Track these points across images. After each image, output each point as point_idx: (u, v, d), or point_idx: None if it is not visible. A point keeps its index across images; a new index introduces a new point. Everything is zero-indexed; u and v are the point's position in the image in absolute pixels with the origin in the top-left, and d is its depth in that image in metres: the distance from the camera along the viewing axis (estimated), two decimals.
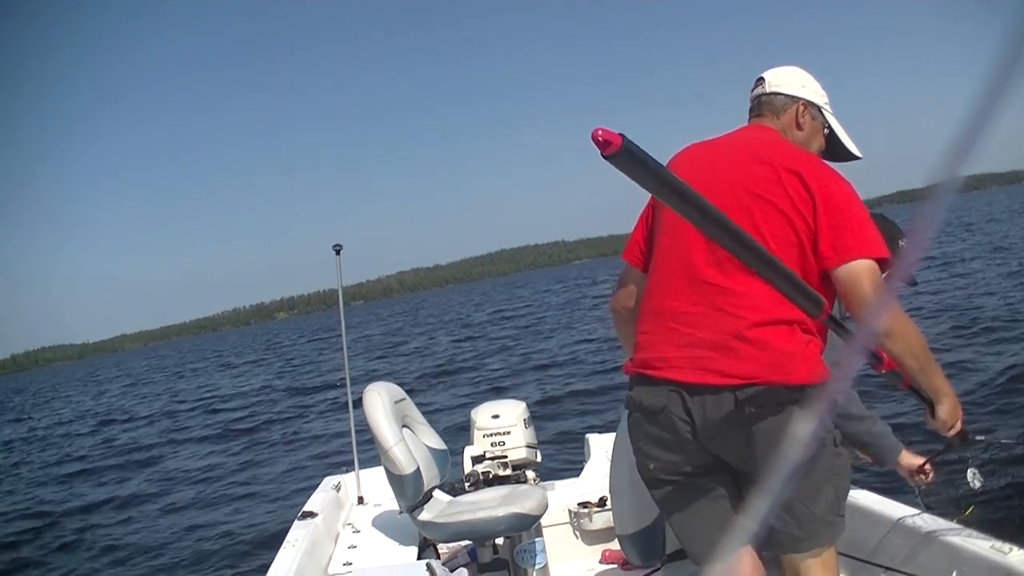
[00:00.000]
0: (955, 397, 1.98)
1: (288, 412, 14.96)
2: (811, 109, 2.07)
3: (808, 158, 1.95)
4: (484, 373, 15.14)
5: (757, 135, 2.05)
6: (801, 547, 1.89)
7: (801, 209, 1.84)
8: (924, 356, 1.87)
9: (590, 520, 3.61)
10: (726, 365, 1.80)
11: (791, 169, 1.88)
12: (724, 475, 1.95)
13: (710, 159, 2.02)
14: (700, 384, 1.83)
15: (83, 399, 33.15)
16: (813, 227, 1.83)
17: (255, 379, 24.63)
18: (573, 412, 9.57)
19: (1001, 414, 6.12)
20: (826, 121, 2.09)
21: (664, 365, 1.90)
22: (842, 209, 1.84)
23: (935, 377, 1.93)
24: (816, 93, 2.08)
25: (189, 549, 7.15)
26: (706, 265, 1.89)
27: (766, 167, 1.90)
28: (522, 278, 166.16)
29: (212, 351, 65.58)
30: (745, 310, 1.81)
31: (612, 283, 2.25)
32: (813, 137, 2.07)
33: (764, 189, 1.88)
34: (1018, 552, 2.01)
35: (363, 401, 3.17)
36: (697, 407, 1.84)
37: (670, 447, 1.92)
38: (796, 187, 1.85)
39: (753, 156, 1.94)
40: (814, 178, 1.86)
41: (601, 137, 1.07)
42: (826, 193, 1.84)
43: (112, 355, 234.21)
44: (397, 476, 3.06)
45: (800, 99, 2.06)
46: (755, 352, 1.79)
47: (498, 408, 3.85)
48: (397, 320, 51.94)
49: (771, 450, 1.75)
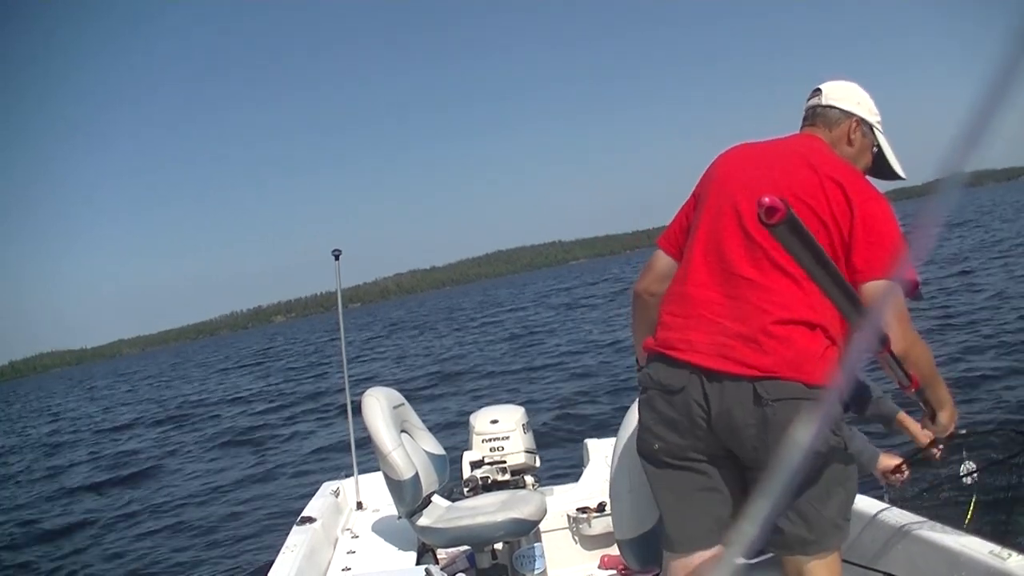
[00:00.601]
0: (954, 405, 2.06)
1: (286, 417, 14.94)
2: (863, 127, 2.12)
3: (852, 171, 2.00)
4: (484, 373, 15.14)
5: (807, 143, 2.09)
6: (810, 550, 1.90)
7: (839, 219, 1.89)
8: (932, 373, 1.95)
9: (589, 525, 3.60)
10: (749, 356, 1.83)
11: (835, 179, 1.92)
12: (727, 470, 1.96)
13: (760, 160, 2.06)
14: (721, 371, 1.85)
15: (80, 404, 33.11)
16: (848, 239, 1.88)
17: (253, 384, 24.62)
18: (572, 417, 9.55)
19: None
20: (876, 140, 2.14)
21: (688, 348, 1.92)
22: (880, 226, 1.89)
23: (939, 389, 2.01)
24: (870, 112, 2.13)
25: (187, 554, 7.14)
26: (742, 260, 1.93)
27: (812, 174, 1.95)
28: (519, 279, 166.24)
29: (210, 355, 65.55)
30: (775, 307, 1.85)
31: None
32: (862, 154, 2.13)
33: (808, 195, 1.92)
34: (1017, 558, 2.01)
35: (362, 406, 3.16)
36: (715, 394, 1.86)
37: (681, 430, 1.93)
38: (838, 197, 1.90)
39: (802, 162, 1.99)
40: (856, 191, 1.91)
41: (767, 205, 1.27)
42: (866, 209, 1.89)
43: (110, 360, 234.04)
44: (396, 481, 3.05)
45: (854, 115, 2.11)
46: (779, 348, 1.82)
47: (497, 413, 3.84)
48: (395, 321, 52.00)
49: (778, 443, 1.78)
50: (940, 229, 0.98)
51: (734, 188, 2.02)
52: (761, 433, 1.83)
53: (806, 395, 1.79)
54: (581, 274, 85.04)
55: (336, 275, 4.01)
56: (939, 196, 0.60)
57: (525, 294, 56.50)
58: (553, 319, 26.63)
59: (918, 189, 4.49)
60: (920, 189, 2.02)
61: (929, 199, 0.62)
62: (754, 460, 1.90)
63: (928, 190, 0.63)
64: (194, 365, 50.45)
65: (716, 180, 2.08)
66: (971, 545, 2.15)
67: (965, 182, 0.60)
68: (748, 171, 2.02)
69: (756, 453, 1.87)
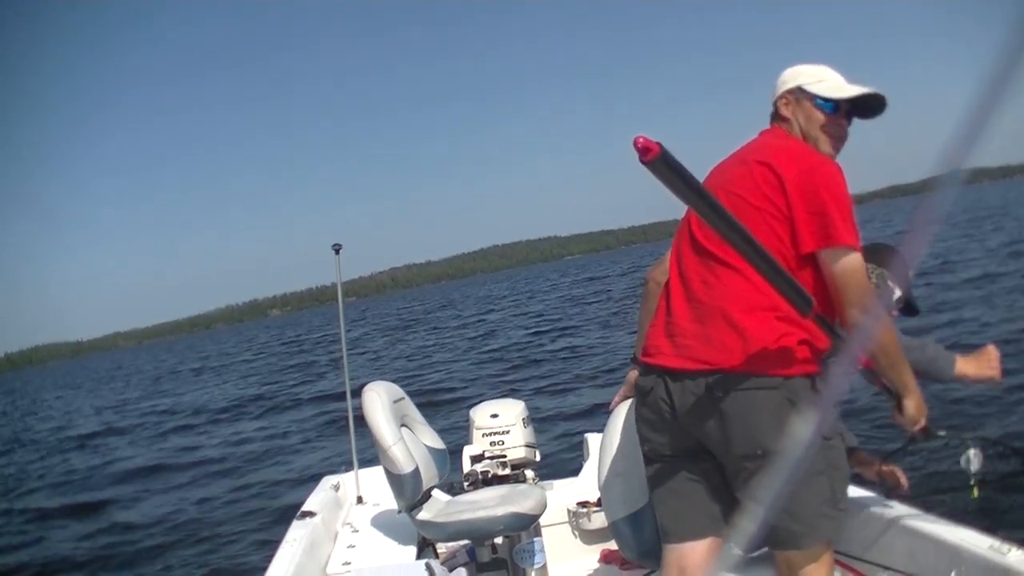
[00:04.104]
0: (920, 395, 2.04)
1: (287, 411, 14.94)
2: (792, 96, 2.07)
3: (784, 149, 1.99)
4: (483, 373, 15.14)
5: (754, 142, 2.14)
6: (802, 543, 1.92)
7: (773, 198, 1.91)
8: (895, 353, 1.96)
9: (589, 520, 3.61)
10: (704, 353, 1.94)
11: (761, 161, 1.97)
12: (706, 463, 2.05)
13: (718, 169, 2.14)
14: (680, 370, 1.98)
15: (80, 398, 33.06)
16: (788, 214, 1.90)
17: (253, 377, 24.59)
18: (572, 411, 9.57)
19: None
20: (813, 94, 2.04)
21: (656, 352, 2.06)
22: (819, 193, 1.88)
23: (904, 374, 2.00)
24: (793, 78, 2.08)
25: (186, 548, 7.14)
26: (696, 263, 2.03)
27: (741, 165, 2.02)
28: (514, 273, 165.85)
29: (208, 348, 65.42)
30: (726, 302, 1.93)
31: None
32: (809, 121, 2.06)
33: (738, 186, 1.98)
34: (1017, 552, 2.02)
35: (362, 400, 3.17)
36: (677, 391, 1.98)
37: (656, 428, 2.07)
38: (768, 177, 1.94)
39: (737, 159, 2.07)
40: (786, 167, 1.92)
41: (641, 144, 1.22)
42: (799, 181, 1.90)
43: (107, 353, 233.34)
44: (396, 475, 3.06)
45: (783, 96, 2.09)
46: (729, 341, 1.90)
47: (497, 407, 3.85)
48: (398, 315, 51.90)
49: (739, 434, 1.88)
50: (938, 226, 0.96)
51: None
52: (720, 425, 1.92)
53: (757, 384, 1.87)
54: (577, 268, 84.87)
55: (336, 269, 4.01)
56: (937, 194, 0.61)
57: (527, 288, 56.39)
58: (555, 312, 26.60)
59: (914, 186, 4.49)
60: (916, 186, 2.03)
61: (927, 196, 0.63)
62: (722, 453, 1.98)
63: (925, 187, 0.64)
64: (192, 359, 50.30)
65: None
66: (970, 539, 2.15)
67: (964, 179, 0.61)
68: (709, 184, 2.03)
69: (722, 446, 1.95)
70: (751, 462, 1.88)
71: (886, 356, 1.95)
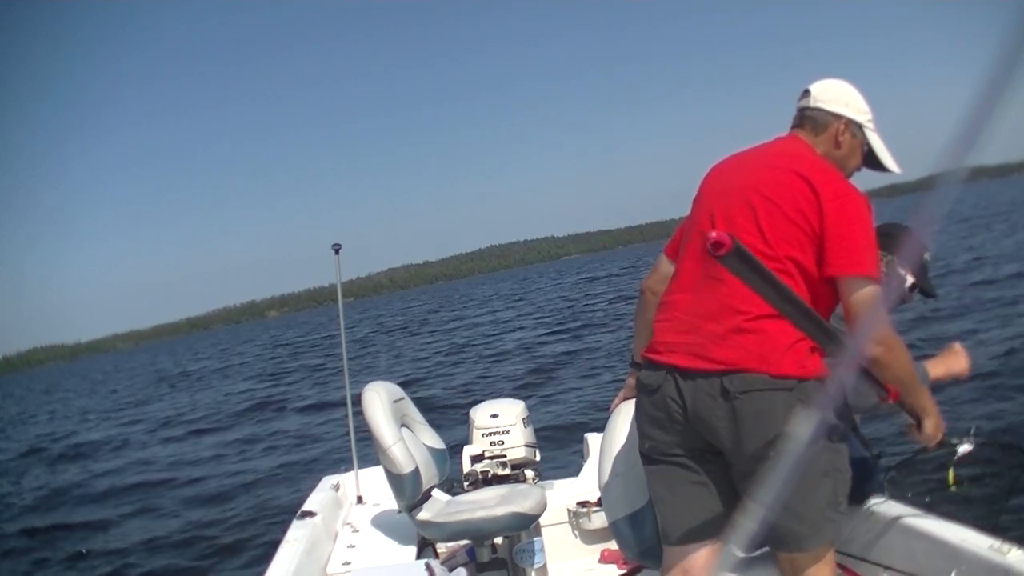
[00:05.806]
0: (938, 413, 2.06)
1: (286, 411, 14.94)
2: (852, 128, 2.11)
3: (821, 168, 2.01)
4: (484, 372, 15.14)
5: (783, 147, 2.12)
6: (805, 544, 1.92)
7: (808, 214, 1.92)
8: (911, 380, 1.97)
9: (589, 519, 3.62)
10: (717, 352, 1.92)
11: (800, 174, 1.96)
12: (713, 464, 2.03)
13: (735, 166, 2.14)
14: (692, 369, 1.96)
15: (82, 394, 33.02)
16: (819, 234, 1.91)
17: (251, 378, 24.57)
18: (572, 411, 9.58)
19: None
20: (866, 139, 2.13)
21: (665, 349, 2.03)
22: (851, 224, 1.91)
23: (923, 398, 2.02)
24: (859, 111, 2.12)
25: (186, 548, 7.14)
26: (709, 262, 1.97)
27: (776, 171, 2.00)
28: (512, 274, 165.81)
29: (207, 349, 65.35)
30: (742, 303, 1.91)
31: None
32: (851, 155, 2.13)
33: (772, 191, 1.97)
34: (1017, 552, 2.02)
35: (362, 400, 3.17)
36: (688, 391, 1.96)
37: (663, 426, 2.04)
38: (804, 193, 1.94)
39: (769, 162, 2.05)
40: (824, 187, 1.93)
41: (715, 239, 1.39)
42: (835, 205, 1.91)
43: (105, 355, 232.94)
44: (396, 475, 3.06)
45: (843, 117, 2.10)
46: (744, 342, 1.90)
47: (497, 407, 3.85)
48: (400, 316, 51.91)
49: (752, 435, 1.87)
50: (939, 225, 0.97)
51: (712, 198, 2.11)
52: (733, 426, 1.91)
53: (772, 386, 1.86)
54: (575, 268, 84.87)
55: (336, 270, 4.01)
56: (937, 192, 0.61)
57: (525, 289, 56.38)
58: (553, 314, 26.60)
59: (912, 185, 4.47)
60: (915, 185, 2.03)
61: (926, 195, 0.63)
62: (733, 453, 1.96)
63: (924, 186, 0.65)
64: (191, 360, 50.24)
65: (701, 192, 2.17)
66: (970, 539, 2.15)
67: (963, 178, 0.61)
68: (726, 180, 2.10)
69: (733, 446, 1.94)
70: (763, 464, 1.88)
71: (903, 384, 1.95)
